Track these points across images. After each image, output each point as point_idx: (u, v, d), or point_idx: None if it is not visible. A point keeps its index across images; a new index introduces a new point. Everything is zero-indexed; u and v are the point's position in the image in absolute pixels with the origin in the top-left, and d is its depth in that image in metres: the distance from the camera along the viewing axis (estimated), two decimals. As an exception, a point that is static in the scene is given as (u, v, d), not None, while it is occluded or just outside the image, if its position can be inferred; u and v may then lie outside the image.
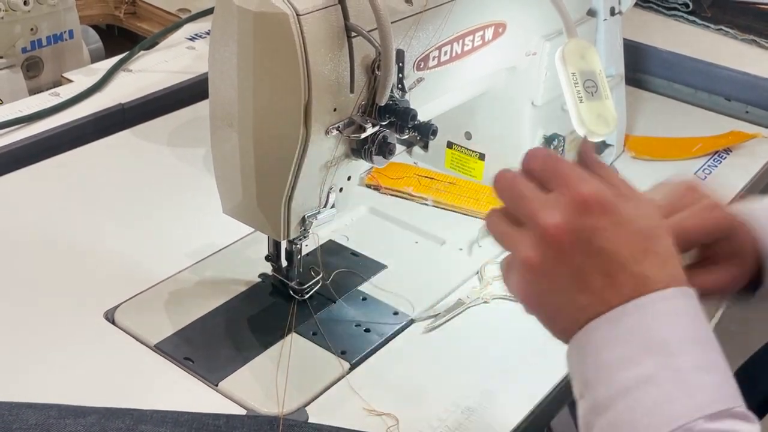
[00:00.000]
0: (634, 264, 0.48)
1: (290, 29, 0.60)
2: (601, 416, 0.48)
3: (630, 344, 0.48)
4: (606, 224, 0.49)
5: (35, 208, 0.89)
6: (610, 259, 0.48)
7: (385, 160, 0.69)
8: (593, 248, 0.48)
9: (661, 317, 0.48)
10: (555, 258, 0.49)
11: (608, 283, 0.48)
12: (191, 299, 0.76)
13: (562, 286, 0.49)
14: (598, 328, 0.48)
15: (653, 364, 0.47)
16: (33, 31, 1.15)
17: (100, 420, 0.60)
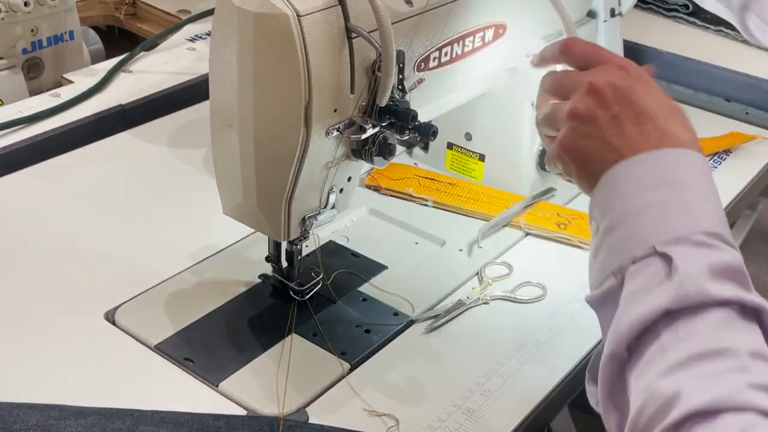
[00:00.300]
0: (662, 120, 0.57)
1: (291, 30, 0.60)
2: (611, 234, 0.56)
3: (649, 179, 0.56)
4: (641, 86, 0.59)
5: (36, 208, 0.89)
6: (642, 111, 0.58)
7: (386, 161, 0.69)
8: (630, 101, 0.58)
9: (680, 164, 0.56)
10: (597, 106, 0.58)
11: (638, 131, 0.57)
12: (191, 300, 0.76)
13: (599, 130, 0.58)
14: (623, 167, 0.56)
15: (666, 193, 0.54)
16: (33, 32, 1.15)
17: (101, 420, 0.60)
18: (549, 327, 0.77)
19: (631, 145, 0.57)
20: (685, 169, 0.56)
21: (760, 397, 0.46)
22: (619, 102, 0.58)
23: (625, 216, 0.55)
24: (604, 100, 0.58)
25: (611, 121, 0.58)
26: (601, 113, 0.58)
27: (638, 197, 0.55)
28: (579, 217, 0.90)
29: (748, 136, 1.09)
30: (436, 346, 0.74)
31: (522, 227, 0.89)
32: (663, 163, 0.56)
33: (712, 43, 1.30)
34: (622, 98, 0.58)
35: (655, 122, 0.57)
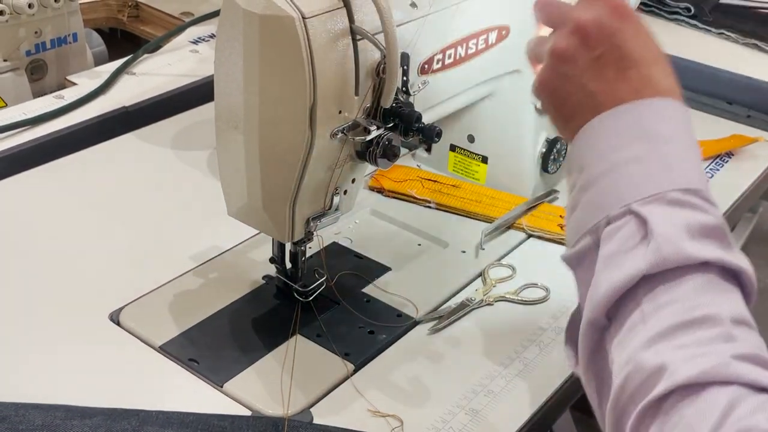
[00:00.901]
0: (645, 66, 0.55)
1: (296, 32, 0.60)
2: (587, 191, 0.54)
3: (627, 134, 0.54)
4: (628, 29, 0.56)
5: (39, 210, 0.89)
6: (625, 56, 0.55)
7: (390, 162, 0.69)
8: (614, 43, 0.55)
9: (659, 115, 0.54)
10: (579, 45, 0.56)
11: (620, 77, 0.55)
12: (196, 301, 0.76)
13: (578, 72, 0.56)
14: (601, 120, 0.55)
15: (643, 148, 0.53)
16: (37, 34, 1.15)
17: (106, 421, 0.60)
18: (552, 328, 0.77)
19: (610, 91, 0.55)
20: (664, 121, 0.54)
21: (745, 368, 0.45)
22: (603, 43, 0.56)
23: (601, 173, 0.53)
24: (588, 40, 0.56)
25: (592, 63, 0.56)
26: (582, 53, 0.56)
27: (615, 153, 0.53)
28: (582, 219, 0.90)
29: (749, 139, 1.09)
30: (439, 347, 0.74)
31: (525, 229, 0.89)
32: (641, 115, 0.54)
33: (714, 45, 1.30)
34: (607, 39, 0.56)
35: (638, 68, 0.55)
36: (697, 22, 1.35)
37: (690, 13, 1.36)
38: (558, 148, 0.93)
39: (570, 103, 0.57)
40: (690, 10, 1.36)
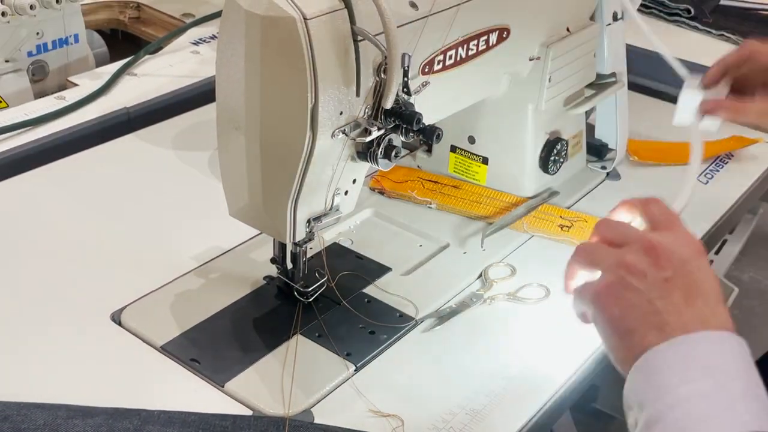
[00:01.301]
0: (712, 299, 0.55)
1: (297, 33, 0.60)
2: (652, 428, 0.52)
3: (690, 366, 0.52)
4: (698, 261, 0.57)
5: (41, 210, 0.90)
6: (694, 284, 0.55)
7: (391, 163, 0.69)
8: (685, 270, 0.56)
9: (719, 349, 0.53)
10: (650, 264, 0.56)
11: (688, 303, 0.55)
12: (197, 301, 0.76)
13: (647, 287, 0.55)
14: (661, 351, 0.53)
15: (709, 384, 0.51)
16: (39, 35, 1.15)
17: (108, 420, 0.60)
18: (553, 328, 0.77)
19: (676, 312, 0.54)
20: (726, 356, 0.53)
21: None
22: (674, 267, 0.56)
23: (664, 410, 0.52)
24: (659, 261, 0.56)
25: (662, 283, 0.55)
26: (653, 272, 0.55)
27: (678, 387, 0.52)
28: (581, 220, 0.90)
29: (749, 140, 1.09)
30: (440, 347, 0.74)
31: (525, 229, 0.89)
32: (702, 348, 0.53)
33: (714, 47, 1.30)
34: (678, 265, 0.56)
35: (706, 299, 0.55)
36: (697, 24, 1.36)
37: (690, 15, 1.37)
38: (558, 148, 0.93)
39: (633, 315, 0.56)
40: (690, 11, 1.37)
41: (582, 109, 0.95)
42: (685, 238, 0.58)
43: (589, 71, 0.95)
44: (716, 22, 1.35)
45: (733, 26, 1.34)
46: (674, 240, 0.58)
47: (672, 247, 0.57)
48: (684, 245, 0.57)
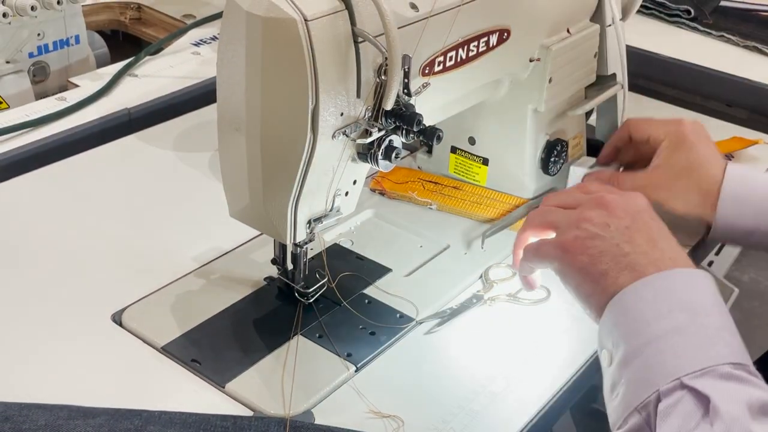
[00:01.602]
0: (673, 242, 0.59)
1: (298, 34, 0.61)
2: (629, 366, 0.53)
3: (663, 302, 0.54)
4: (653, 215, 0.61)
5: (42, 211, 0.90)
6: (652, 229, 0.59)
7: (391, 164, 0.69)
8: (640, 218, 0.60)
9: (691, 284, 0.55)
10: (608, 215, 0.60)
11: (651, 246, 0.58)
12: (198, 302, 0.76)
13: (611, 234, 0.59)
14: (634, 290, 0.55)
15: (683, 319, 0.53)
16: (40, 36, 1.16)
17: (109, 421, 0.60)
18: (553, 329, 0.77)
19: (643, 253, 0.57)
20: (700, 293, 0.54)
21: None
22: (631, 217, 0.59)
23: (642, 344, 0.52)
24: (615, 212, 0.59)
25: (624, 230, 0.58)
26: (614, 221, 0.59)
27: (652, 324, 0.53)
28: (582, 221, 0.90)
29: (749, 141, 1.09)
30: (440, 348, 0.74)
31: (525, 231, 0.89)
32: (673, 284, 0.55)
33: (715, 47, 1.31)
34: (634, 215, 0.59)
35: (668, 241, 0.58)
36: (697, 25, 1.36)
37: (690, 16, 1.37)
38: (558, 149, 0.93)
39: (604, 259, 0.58)
40: (690, 12, 1.37)
41: (582, 110, 0.95)
42: (629, 195, 0.62)
43: (590, 72, 0.95)
44: (716, 23, 1.35)
45: (733, 27, 1.34)
46: (621, 196, 0.62)
47: (623, 201, 0.60)
48: (631, 199, 0.61)
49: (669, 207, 0.85)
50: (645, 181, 0.85)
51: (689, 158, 0.83)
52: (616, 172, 0.89)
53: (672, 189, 0.83)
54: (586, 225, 0.60)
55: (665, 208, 0.85)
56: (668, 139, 0.85)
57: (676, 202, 0.84)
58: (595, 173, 0.90)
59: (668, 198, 0.84)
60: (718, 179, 0.82)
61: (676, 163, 0.83)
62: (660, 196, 0.84)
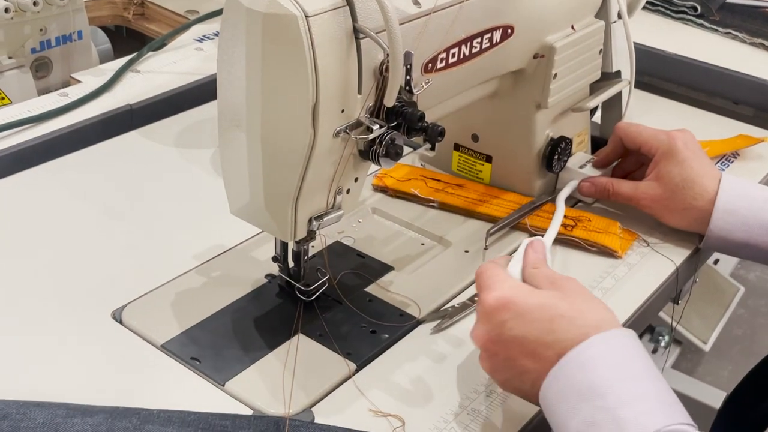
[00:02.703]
0: (546, 335, 0.60)
1: (299, 31, 0.60)
2: None
3: (568, 397, 0.57)
4: (508, 317, 0.61)
5: (42, 207, 0.89)
6: (524, 342, 0.60)
7: (392, 161, 0.69)
8: (507, 340, 0.61)
9: (586, 365, 0.57)
10: (490, 359, 0.63)
11: (535, 360, 0.60)
12: (198, 299, 0.76)
13: (509, 375, 0.63)
14: (548, 388, 0.59)
15: (589, 409, 0.55)
16: (42, 31, 1.15)
17: (107, 419, 0.60)
18: (555, 329, 0.77)
19: (540, 372, 0.59)
20: (591, 371, 0.57)
21: None
22: (501, 345, 0.62)
23: None
24: (491, 352, 0.63)
25: (509, 363, 0.62)
26: (498, 362, 0.63)
27: (568, 422, 0.56)
28: (585, 219, 0.90)
29: (755, 139, 1.08)
30: (442, 346, 0.74)
31: (528, 228, 0.89)
32: (569, 374, 0.58)
33: (721, 45, 1.30)
34: (501, 341, 0.62)
35: (542, 341, 0.60)
36: (703, 22, 1.35)
37: (697, 13, 1.36)
38: (562, 147, 0.92)
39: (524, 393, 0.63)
40: (697, 9, 1.36)
41: (586, 108, 0.94)
42: (483, 306, 0.63)
43: (594, 69, 0.94)
44: (723, 20, 1.34)
45: (740, 24, 1.33)
46: (481, 312, 0.64)
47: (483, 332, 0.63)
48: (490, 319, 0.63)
49: (664, 221, 0.87)
50: (640, 194, 0.87)
51: (683, 174, 0.84)
52: (610, 180, 0.90)
53: (668, 205, 0.85)
54: (491, 374, 0.65)
55: (662, 221, 0.87)
56: (660, 152, 0.86)
57: (671, 217, 0.86)
58: (591, 179, 0.91)
59: (663, 214, 0.86)
60: (713, 194, 0.83)
61: (670, 179, 0.85)
62: (655, 211, 0.87)
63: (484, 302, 0.63)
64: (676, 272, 0.85)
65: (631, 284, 0.83)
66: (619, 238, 0.87)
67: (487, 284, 0.64)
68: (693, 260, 0.89)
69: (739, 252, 0.84)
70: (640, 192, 0.87)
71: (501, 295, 0.62)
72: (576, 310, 0.61)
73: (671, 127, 0.90)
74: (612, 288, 0.82)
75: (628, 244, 0.88)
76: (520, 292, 0.62)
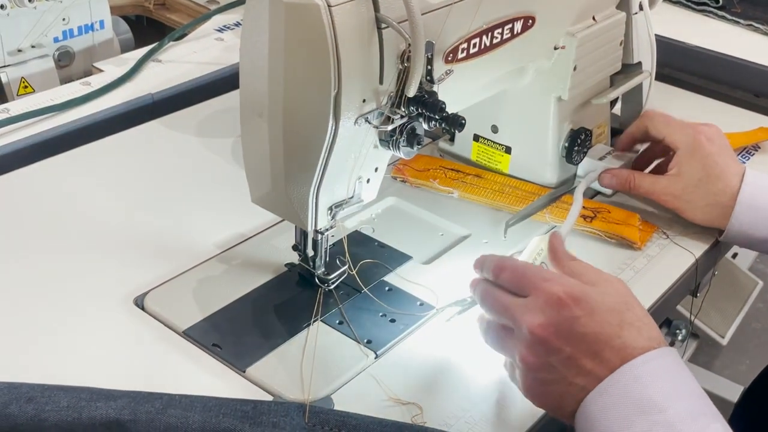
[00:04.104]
0: (615, 338, 0.57)
1: (321, 20, 0.60)
2: None
3: (622, 409, 0.55)
4: (581, 313, 0.57)
5: (65, 196, 0.90)
6: (593, 341, 0.57)
7: (413, 151, 0.69)
8: (576, 336, 0.57)
9: (644, 379, 0.55)
10: (547, 353, 0.58)
11: (597, 362, 0.57)
12: (219, 287, 0.77)
13: (559, 375, 0.58)
14: (593, 401, 0.56)
15: (647, 422, 0.53)
16: (65, 21, 1.16)
17: (130, 403, 0.61)
18: (574, 319, 0.77)
19: (596, 377, 0.56)
20: (652, 385, 0.55)
21: None
22: (567, 341, 0.57)
23: None
24: (551, 346, 0.57)
25: (567, 364, 0.57)
26: (554, 359, 0.58)
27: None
28: (605, 210, 0.90)
29: (777, 132, 1.08)
30: (460, 336, 0.74)
31: (547, 219, 0.89)
32: (627, 384, 0.55)
33: (742, 37, 1.29)
34: (569, 336, 0.57)
35: (609, 344, 0.57)
36: (725, 14, 1.34)
37: (718, 4, 1.35)
38: (582, 138, 0.92)
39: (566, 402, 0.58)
40: (718, 1, 1.35)
41: (607, 99, 0.94)
42: (548, 296, 0.58)
43: (615, 61, 0.94)
44: (744, 12, 1.33)
45: (762, 16, 1.32)
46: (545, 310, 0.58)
47: (550, 322, 0.57)
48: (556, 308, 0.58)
49: (687, 216, 0.86)
50: (662, 189, 0.86)
51: (706, 169, 0.83)
52: (632, 172, 0.89)
53: (690, 200, 0.84)
54: (532, 373, 0.59)
55: (683, 216, 0.86)
56: (684, 146, 0.85)
57: (694, 212, 0.85)
58: (612, 171, 0.90)
59: (686, 209, 0.85)
60: (736, 188, 0.82)
61: (693, 173, 0.84)
62: (677, 206, 0.86)
63: (553, 294, 0.58)
64: (696, 264, 0.85)
65: (651, 276, 0.83)
66: (639, 230, 0.87)
67: (545, 278, 0.60)
68: (712, 253, 0.88)
69: (760, 246, 0.84)
70: (661, 187, 0.86)
71: (572, 289, 0.59)
72: (643, 322, 0.59)
73: (691, 119, 0.89)
74: (631, 279, 0.82)
75: (648, 236, 0.88)
76: (590, 289, 0.59)
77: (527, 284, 0.61)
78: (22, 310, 0.74)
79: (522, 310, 0.60)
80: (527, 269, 0.62)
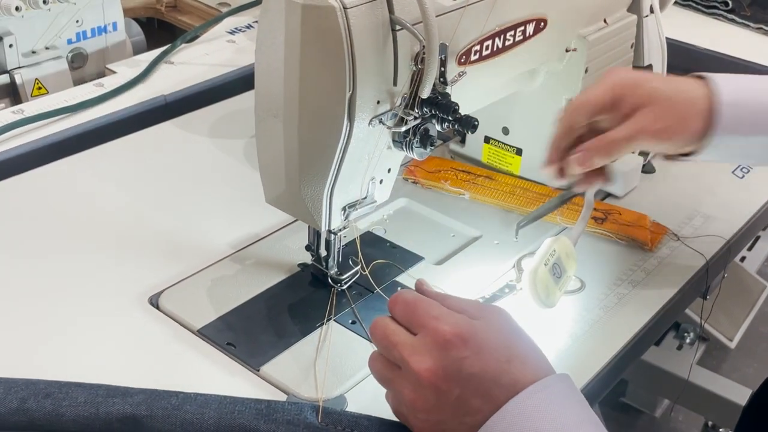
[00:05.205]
0: (503, 375, 0.56)
1: (337, 22, 0.61)
2: None
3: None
4: (468, 353, 0.56)
5: (79, 196, 0.91)
6: (481, 380, 0.56)
7: (426, 152, 0.70)
8: (464, 377, 0.56)
9: (530, 413, 0.54)
10: (435, 395, 0.56)
11: (485, 400, 0.55)
12: (233, 286, 0.77)
13: (449, 416, 0.56)
14: None
15: None
16: (78, 23, 1.17)
17: (147, 400, 0.61)
18: (585, 320, 0.77)
19: (486, 416, 0.55)
20: (537, 419, 0.54)
21: None
22: (456, 382, 0.56)
23: None
24: (440, 389, 0.56)
25: (457, 405, 0.56)
26: (443, 401, 0.56)
27: None
28: (616, 212, 0.90)
29: (787, 135, 1.08)
30: (472, 336, 0.74)
31: (558, 221, 0.89)
32: (511, 421, 0.54)
33: (752, 40, 1.29)
34: (457, 378, 0.56)
35: (498, 381, 0.55)
36: (734, 17, 1.34)
37: (728, 8, 1.35)
38: (593, 141, 0.92)
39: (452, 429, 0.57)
40: (728, 4, 1.35)
41: (617, 102, 0.94)
42: (435, 336, 0.57)
43: (626, 63, 0.94)
44: (754, 15, 1.34)
45: (772, 19, 1.32)
46: (431, 351, 0.56)
47: (437, 365, 0.56)
48: (442, 349, 0.56)
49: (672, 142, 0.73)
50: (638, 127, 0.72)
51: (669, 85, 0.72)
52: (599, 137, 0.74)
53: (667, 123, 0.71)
54: (422, 415, 0.57)
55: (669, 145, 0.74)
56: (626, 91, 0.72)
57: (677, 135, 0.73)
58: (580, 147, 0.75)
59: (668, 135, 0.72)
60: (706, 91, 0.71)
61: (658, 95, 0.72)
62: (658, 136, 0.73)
63: (440, 335, 0.57)
64: (706, 266, 0.85)
65: (661, 277, 0.83)
66: (650, 232, 0.88)
67: (434, 315, 0.58)
68: (723, 255, 0.89)
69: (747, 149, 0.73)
70: (636, 125, 0.72)
71: (459, 329, 0.57)
72: (529, 353, 0.58)
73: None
74: (642, 281, 0.82)
75: (659, 238, 0.88)
76: (477, 325, 0.58)
77: (417, 321, 0.59)
78: (38, 309, 0.75)
79: (410, 350, 0.58)
80: (418, 305, 0.60)
